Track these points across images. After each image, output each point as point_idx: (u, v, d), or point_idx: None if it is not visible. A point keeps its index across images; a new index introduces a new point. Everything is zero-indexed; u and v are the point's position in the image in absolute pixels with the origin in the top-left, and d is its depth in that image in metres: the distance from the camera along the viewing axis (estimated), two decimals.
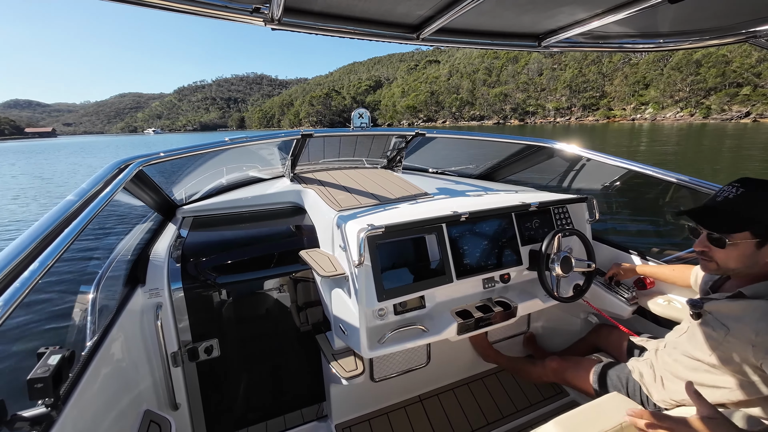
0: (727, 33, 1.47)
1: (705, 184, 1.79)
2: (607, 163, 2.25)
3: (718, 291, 1.31)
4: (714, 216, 1.18)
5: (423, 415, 2.07)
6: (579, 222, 2.02)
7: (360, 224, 1.51)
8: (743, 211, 1.12)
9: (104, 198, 1.25)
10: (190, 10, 1.07)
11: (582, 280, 1.86)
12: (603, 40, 1.64)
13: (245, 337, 1.92)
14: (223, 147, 2.06)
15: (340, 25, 1.32)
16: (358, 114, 2.27)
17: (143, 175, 1.77)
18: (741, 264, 1.15)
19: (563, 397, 2.18)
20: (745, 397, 1.12)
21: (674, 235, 3.16)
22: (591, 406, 1.18)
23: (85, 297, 1.38)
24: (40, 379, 0.86)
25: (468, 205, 1.79)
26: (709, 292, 1.34)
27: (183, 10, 1.06)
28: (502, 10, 1.29)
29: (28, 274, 0.83)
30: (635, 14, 1.25)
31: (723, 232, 1.14)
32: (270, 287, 1.92)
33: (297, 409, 2.07)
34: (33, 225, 0.97)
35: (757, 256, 1.12)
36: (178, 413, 1.71)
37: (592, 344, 2.00)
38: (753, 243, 1.11)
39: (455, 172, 3.10)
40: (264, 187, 2.52)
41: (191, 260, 1.80)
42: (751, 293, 1.14)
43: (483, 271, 1.75)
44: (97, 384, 1.17)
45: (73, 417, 0.99)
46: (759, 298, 1.11)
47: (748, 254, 1.13)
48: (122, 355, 1.41)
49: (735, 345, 1.11)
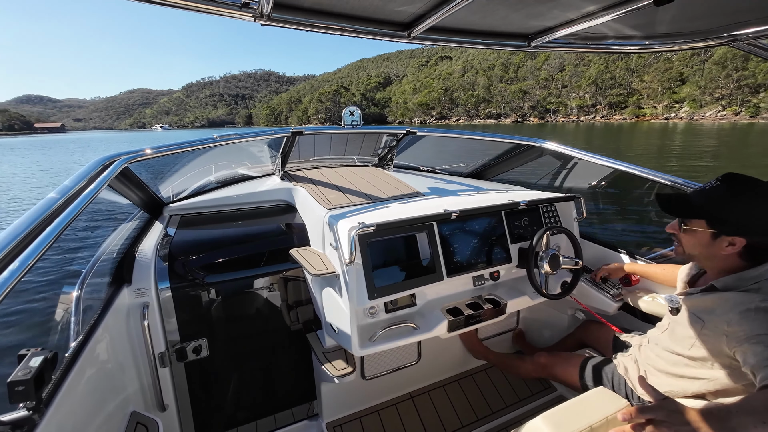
0: (709, 36, 1.51)
1: (689, 183, 1.84)
2: (595, 163, 2.29)
3: (695, 286, 1.36)
4: (681, 203, 1.26)
5: (414, 412, 2.09)
6: (567, 220, 2.05)
7: (351, 222, 1.51)
8: (701, 201, 1.20)
9: (88, 196, 1.22)
10: (178, 4, 1.05)
11: (569, 277, 1.90)
12: (591, 41, 1.67)
13: (235, 336, 1.90)
14: (212, 144, 2.03)
15: (330, 22, 1.31)
16: (349, 112, 2.26)
17: (129, 172, 1.73)
18: (699, 251, 1.24)
19: (551, 392, 2.22)
20: (723, 387, 1.16)
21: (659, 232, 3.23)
22: (578, 400, 1.20)
23: (68, 297, 1.34)
24: (21, 382, 0.83)
25: (458, 204, 1.80)
26: (687, 288, 1.38)
27: (171, 4, 1.03)
28: (493, 9, 1.30)
29: (7, 274, 0.81)
30: (622, 16, 1.28)
31: (679, 216, 1.25)
32: (260, 286, 1.91)
33: (288, 408, 2.06)
34: (13, 223, 0.95)
35: (713, 248, 1.19)
36: (165, 414, 1.69)
37: (580, 340, 2.04)
38: (708, 233, 1.18)
39: (446, 171, 3.12)
40: (254, 184, 2.50)
41: (179, 259, 1.77)
42: (721, 286, 1.19)
43: (473, 268, 1.77)
44: (81, 386, 1.15)
45: (56, 420, 0.96)
46: (729, 290, 1.17)
47: (704, 243, 1.20)
48: (108, 356, 1.39)
49: (710, 337, 1.16)
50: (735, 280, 1.17)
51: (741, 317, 1.07)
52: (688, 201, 1.24)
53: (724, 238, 1.16)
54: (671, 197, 1.30)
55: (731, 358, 1.10)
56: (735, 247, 1.15)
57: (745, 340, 1.04)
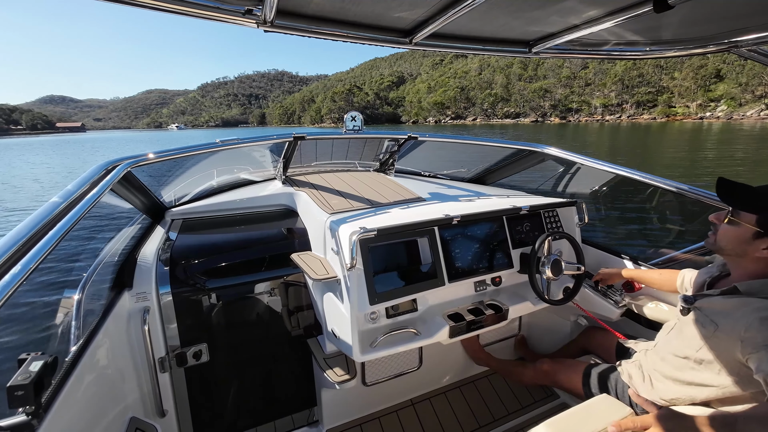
0: (710, 42, 1.51)
1: (692, 190, 1.83)
2: (596, 168, 2.28)
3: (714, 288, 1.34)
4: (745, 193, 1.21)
5: (415, 420, 2.07)
6: (569, 225, 2.05)
7: (352, 227, 1.51)
8: (762, 198, 1.16)
9: (90, 200, 1.22)
10: (181, 11, 1.06)
11: (572, 283, 1.89)
12: (591, 47, 1.68)
13: (235, 341, 1.89)
14: (214, 149, 2.04)
15: (332, 29, 1.32)
16: (351, 117, 2.28)
17: (131, 176, 1.74)
18: (732, 246, 1.20)
19: (554, 399, 2.20)
20: (730, 395, 1.15)
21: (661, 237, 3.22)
22: (581, 408, 1.19)
23: (69, 301, 1.34)
24: (20, 386, 0.83)
25: (460, 209, 1.80)
26: (704, 290, 1.36)
27: (174, 10, 1.05)
28: (494, 16, 1.31)
29: (9, 278, 0.81)
30: (622, 22, 1.29)
31: (736, 206, 1.20)
32: (261, 291, 1.90)
33: (288, 415, 2.04)
34: (16, 227, 0.95)
35: (749, 247, 1.16)
36: (165, 420, 1.68)
37: (582, 346, 2.02)
38: (752, 231, 1.15)
39: (447, 176, 3.12)
40: (255, 189, 2.50)
41: (180, 264, 1.77)
42: (745, 289, 1.16)
43: (474, 274, 1.76)
44: (80, 391, 1.14)
45: (55, 425, 0.96)
46: (752, 295, 1.14)
47: (743, 239, 1.17)
48: (108, 361, 1.38)
49: (723, 341, 1.14)
50: (762, 286, 1.14)
51: (761, 323, 1.05)
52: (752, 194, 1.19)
53: (765, 240, 1.13)
54: (736, 185, 1.24)
55: (742, 364, 1.08)
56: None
57: (763, 347, 1.01)
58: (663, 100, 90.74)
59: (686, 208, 2.78)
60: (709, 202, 1.73)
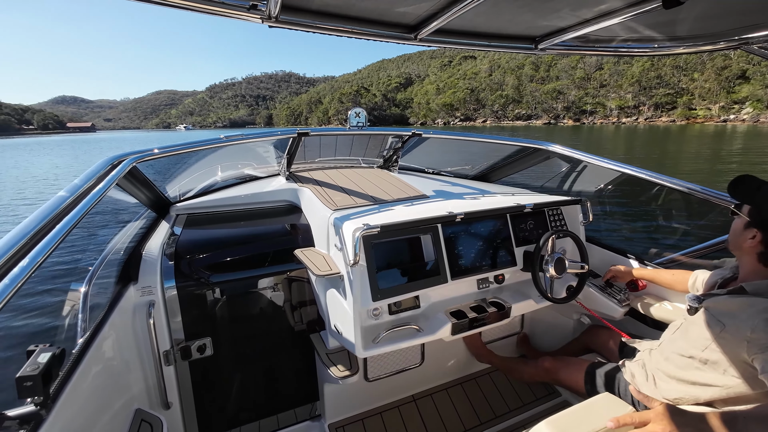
0: (720, 39, 1.49)
1: (700, 189, 1.81)
2: (602, 166, 2.27)
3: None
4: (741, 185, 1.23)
5: (416, 415, 2.08)
6: (573, 224, 2.04)
7: (356, 224, 1.51)
8: (755, 189, 1.17)
9: (97, 194, 1.23)
10: (186, 6, 1.06)
11: (575, 281, 1.88)
12: (598, 43, 1.66)
13: (239, 335, 1.91)
14: (219, 144, 2.05)
15: (337, 24, 1.31)
16: (355, 113, 2.27)
17: (137, 171, 1.75)
18: (731, 239, 1.23)
19: (555, 397, 2.20)
20: (734, 395, 1.14)
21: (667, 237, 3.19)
22: (582, 406, 1.19)
23: (76, 294, 1.36)
24: (29, 377, 0.85)
25: (463, 206, 1.79)
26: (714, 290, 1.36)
27: (179, 5, 1.05)
28: (499, 12, 1.30)
29: (18, 270, 0.82)
30: (630, 18, 1.27)
31: (735, 198, 1.24)
32: (264, 286, 1.92)
33: (290, 409, 2.06)
34: (23, 221, 0.96)
35: (740, 238, 1.18)
36: (169, 412, 1.70)
37: (585, 345, 2.01)
38: (743, 221, 1.17)
39: (451, 173, 3.11)
40: (259, 185, 2.51)
41: (185, 258, 1.79)
42: (752, 289, 1.16)
43: (477, 271, 1.76)
44: (87, 382, 1.16)
45: (62, 416, 0.98)
46: (759, 295, 1.13)
47: (736, 231, 1.20)
48: (113, 353, 1.40)
49: (729, 341, 1.13)
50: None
51: (767, 325, 1.04)
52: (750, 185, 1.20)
53: (751, 230, 1.15)
54: (745, 178, 1.23)
55: (748, 365, 1.08)
56: (754, 240, 1.14)
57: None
58: (683, 102, 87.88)
59: (693, 208, 2.75)
60: (716, 201, 1.71)
